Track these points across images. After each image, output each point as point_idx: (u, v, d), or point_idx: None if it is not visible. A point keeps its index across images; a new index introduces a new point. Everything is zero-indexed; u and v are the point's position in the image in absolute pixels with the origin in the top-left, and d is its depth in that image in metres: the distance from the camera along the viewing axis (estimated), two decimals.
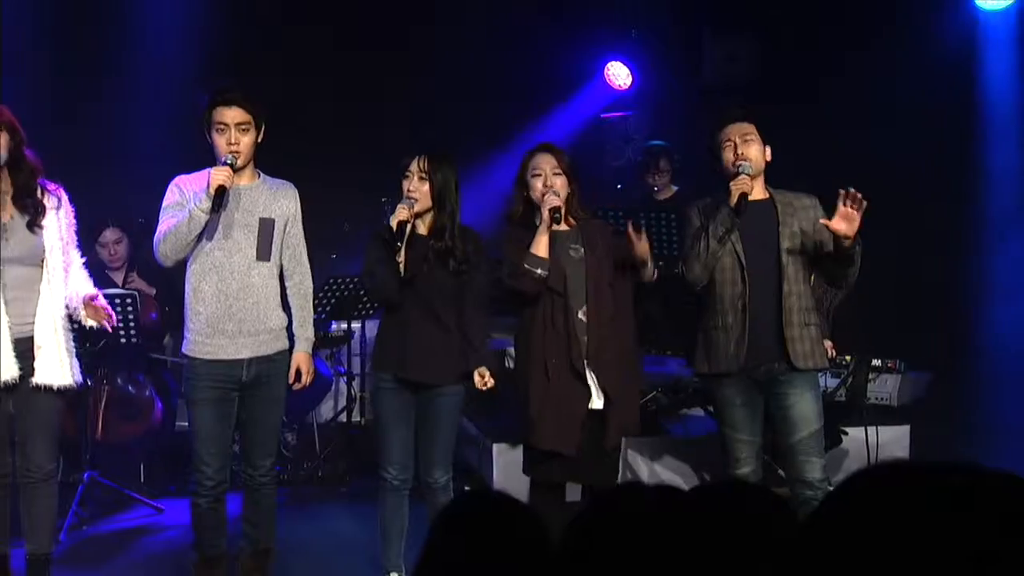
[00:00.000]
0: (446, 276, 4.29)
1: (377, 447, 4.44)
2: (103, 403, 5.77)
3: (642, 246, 4.26)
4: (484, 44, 8.03)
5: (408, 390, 4.34)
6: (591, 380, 4.29)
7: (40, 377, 4.14)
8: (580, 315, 4.30)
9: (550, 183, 4.32)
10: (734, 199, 4.20)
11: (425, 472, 4.39)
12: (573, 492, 4.56)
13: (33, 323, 4.14)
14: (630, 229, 4.25)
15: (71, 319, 4.25)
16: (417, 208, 4.26)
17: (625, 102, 8.51)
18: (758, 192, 4.36)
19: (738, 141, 4.31)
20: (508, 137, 8.22)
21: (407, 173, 4.29)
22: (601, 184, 7.80)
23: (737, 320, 4.30)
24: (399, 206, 4.23)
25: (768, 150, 4.36)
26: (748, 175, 4.24)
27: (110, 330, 4.38)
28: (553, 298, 4.30)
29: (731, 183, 4.24)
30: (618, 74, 8.44)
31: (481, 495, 1.96)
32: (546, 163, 4.36)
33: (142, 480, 6.12)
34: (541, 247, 4.25)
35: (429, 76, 8.04)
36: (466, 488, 5.90)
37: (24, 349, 4.11)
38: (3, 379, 4.08)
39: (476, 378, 4.36)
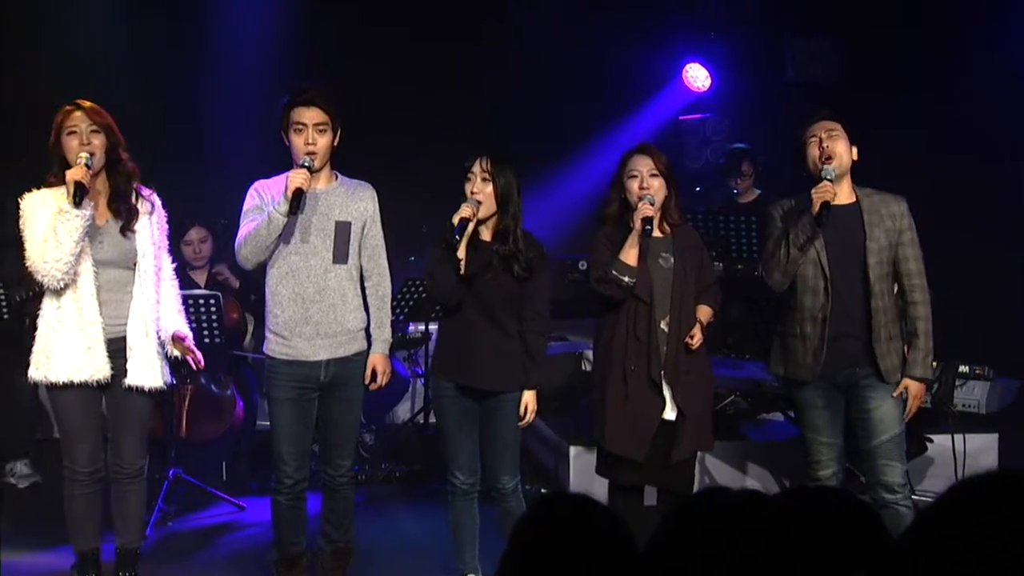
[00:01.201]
0: (509, 281, 4.24)
1: (443, 453, 4.44)
2: (187, 402, 5.88)
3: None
4: (563, 45, 8.02)
5: (470, 396, 4.31)
6: (667, 391, 4.26)
7: (132, 378, 4.22)
8: (663, 325, 4.27)
9: (646, 185, 4.28)
10: (816, 207, 4.13)
11: (492, 478, 4.37)
12: (650, 496, 4.53)
13: (126, 325, 4.22)
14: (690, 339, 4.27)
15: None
16: (481, 212, 4.21)
17: (704, 104, 8.44)
18: (844, 195, 4.28)
19: (823, 136, 4.24)
20: (586, 139, 8.22)
21: (470, 175, 4.26)
22: (679, 187, 7.72)
23: (816, 331, 4.24)
24: (464, 205, 4.21)
25: (855, 150, 4.28)
26: (831, 180, 4.16)
27: (195, 368, 4.44)
28: (638, 306, 4.26)
29: (813, 191, 4.16)
30: (697, 76, 8.37)
31: (563, 497, 1.94)
32: (643, 165, 4.31)
33: (224, 478, 6.22)
34: (631, 255, 4.22)
35: (508, 78, 8.06)
36: (543, 490, 5.91)
37: (117, 349, 4.20)
38: (96, 378, 4.17)
39: (523, 398, 4.30)
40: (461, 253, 4.16)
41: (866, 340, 4.21)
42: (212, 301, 5.69)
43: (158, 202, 4.37)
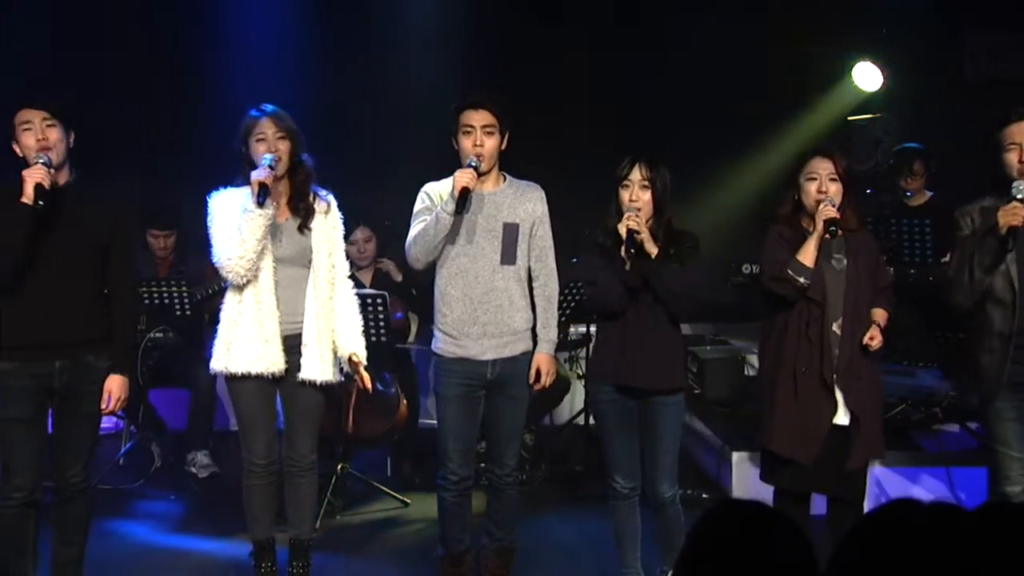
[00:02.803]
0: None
1: (603, 456, 4.43)
2: (353, 399, 6.03)
3: None
4: (727, 45, 7.92)
5: (629, 398, 4.29)
6: (839, 395, 4.16)
7: (306, 373, 4.36)
8: (835, 327, 4.17)
9: (825, 188, 4.20)
10: (1002, 229, 3.96)
11: (650, 486, 4.34)
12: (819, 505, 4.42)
13: (302, 321, 4.36)
14: None
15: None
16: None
17: (874, 103, 8.18)
18: None
19: None
20: (750, 141, 8.08)
21: (627, 182, 4.22)
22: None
23: (1003, 344, 4.09)
24: (627, 215, 4.18)
25: None
26: (1021, 201, 3.97)
27: (367, 389, 4.55)
28: (810, 306, 4.18)
29: (1001, 211, 3.99)
30: (867, 75, 8.11)
31: (742, 505, 1.91)
32: (823, 168, 4.23)
33: (388, 473, 6.36)
34: (808, 255, 4.14)
35: (670, 79, 8.00)
36: (704, 495, 5.84)
37: (293, 345, 4.34)
38: (272, 371, 4.32)
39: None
40: (628, 265, 4.16)
41: None
42: (379, 300, 5.83)
43: (334, 202, 4.50)
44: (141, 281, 5.94)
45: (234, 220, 4.24)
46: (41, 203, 3.89)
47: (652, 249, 4.16)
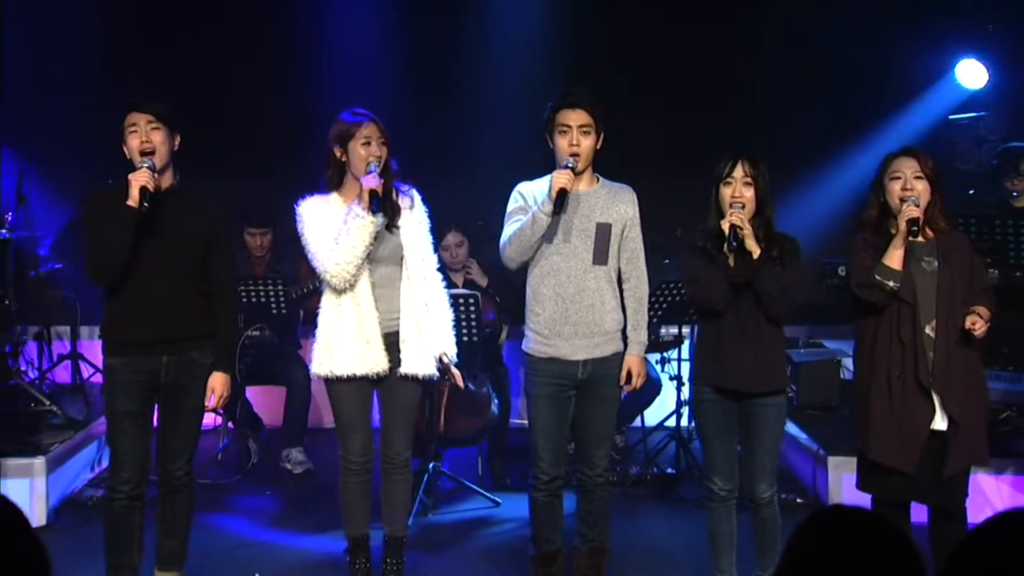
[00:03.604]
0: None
1: (703, 458, 4.39)
2: (445, 399, 6.07)
3: None
4: (824, 44, 7.80)
5: (730, 399, 4.26)
6: (936, 399, 4.06)
7: (406, 367, 4.41)
8: (928, 330, 4.07)
9: (910, 187, 4.11)
10: None
11: (748, 486, 4.30)
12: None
13: (398, 318, 4.41)
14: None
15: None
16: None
17: (978, 102, 7.96)
18: None
19: None
20: (850, 141, 7.95)
21: (729, 179, 4.19)
22: (951, 189, 7.34)
23: None
24: (731, 210, 4.15)
25: None
26: None
27: (459, 386, 4.57)
28: (901, 308, 4.08)
29: None
30: (971, 72, 7.90)
31: (848, 511, 1.88)
32: (907, 166, 4.14)
33: (479, 473, 6.39)
34: (895, 259, 4.05)
35: (768, 77, 7.91)
36: (798, 500, 5.75)
37: (391, 343, 4.39)
38: (375, 371, 4.37)
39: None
40: (731, 261, 4.12)
41: None
42: (471, 300, 5.86)
43: (417, 197, 4.54)
44: (239, 280, 6.06)
45: (331, 227, 4.28)
46: (146, 205, 4.01)
47: (754, 248, 4.12)
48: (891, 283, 4.03)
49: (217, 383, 4.26)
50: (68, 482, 5.85)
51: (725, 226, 4.12)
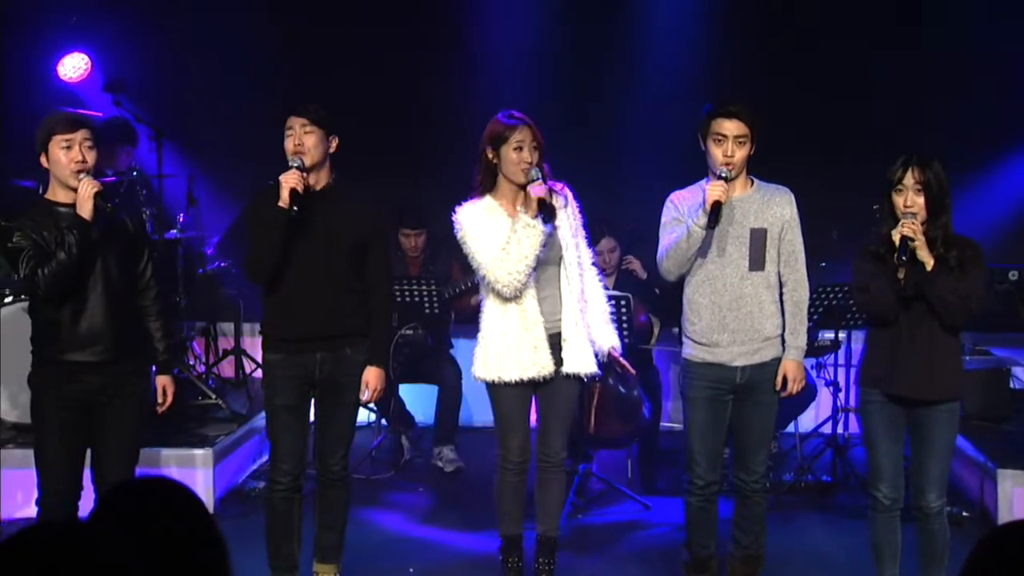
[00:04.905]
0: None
1: (867, 465, 4.27)
2: (595, 400, 6.05)
3: None
4: (985, 42, 7.51)
5: (898, 405, 4.13)
6: None
7: (569, 366, 4.41)
8: None
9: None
10: None
11: (916, 495, 4.16)
12: None
13: (560, 319, 4.42)
14: None
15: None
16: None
17: None
18: None
19: None
20: (1011, 140, 7.65)
21: (900, 187, 4.05)
22: None
23: None
24: (903, 221, 4.01)
25: None
26: None
27: (630, 372, 4.65)
28: None
29: None
30: None
31: None
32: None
33: (629, 476, 6.35)
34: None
35: (927, 77, 7.66)
36: (964, 513, 5.51)
37: (553, 344, 4.40)
38: (543, 374, 4.38)
39: None
40: (901, 273, 4.01)
41: None
42: (623, 302, 5.83)
43: (570, 194, 4.52)
44: (394, 279, 6.17)
45: (494, 234, 4.29)
46: (295, 209, 4.11)
47: (927, 259, 3.98)
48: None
49: (371, 377, 4.34)
50: (232, 473, 6.07)
51: (896, 237, 4.00)
